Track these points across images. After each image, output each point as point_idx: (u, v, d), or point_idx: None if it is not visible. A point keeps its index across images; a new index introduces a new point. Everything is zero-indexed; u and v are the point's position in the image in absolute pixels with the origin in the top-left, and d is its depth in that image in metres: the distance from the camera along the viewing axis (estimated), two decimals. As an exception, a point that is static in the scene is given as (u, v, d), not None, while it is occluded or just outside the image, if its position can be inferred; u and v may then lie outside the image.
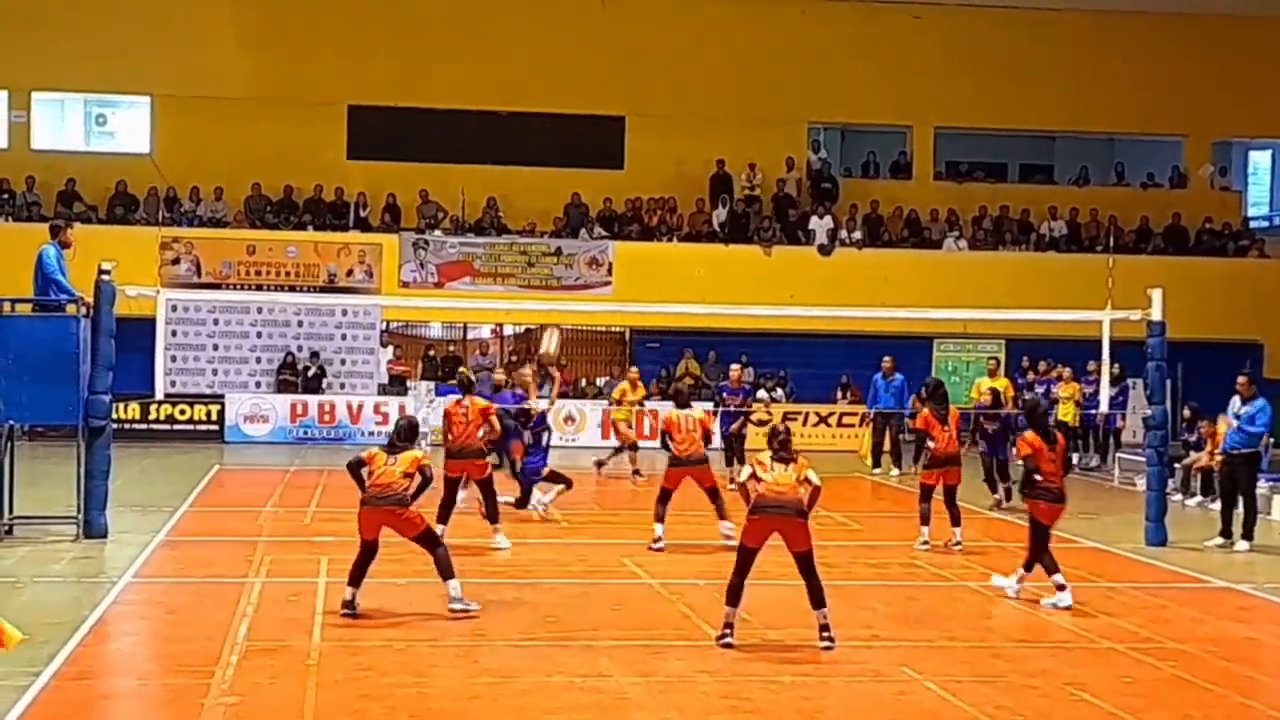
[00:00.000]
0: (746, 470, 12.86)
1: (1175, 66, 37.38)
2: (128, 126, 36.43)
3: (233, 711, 10.38)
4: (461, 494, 18.07)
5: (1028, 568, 14.79)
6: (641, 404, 26.90)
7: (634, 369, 28.23)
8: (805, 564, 12.57)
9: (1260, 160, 41.59)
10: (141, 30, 34.45)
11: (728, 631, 12.52)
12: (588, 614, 13.82)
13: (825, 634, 12.47)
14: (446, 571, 13.59)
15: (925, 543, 17.92)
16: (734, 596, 12.60)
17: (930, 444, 18.36)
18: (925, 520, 17.99)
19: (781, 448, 12.75)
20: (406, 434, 13.97)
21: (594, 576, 15.92)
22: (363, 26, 35.39)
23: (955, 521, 18.09)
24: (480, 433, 17.31)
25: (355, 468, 13.69)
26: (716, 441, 22.58)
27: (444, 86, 35.10)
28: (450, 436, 17.38)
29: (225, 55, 34.67)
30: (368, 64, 35.12)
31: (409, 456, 13.56)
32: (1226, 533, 19.08)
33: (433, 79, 35.12)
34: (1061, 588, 14.47)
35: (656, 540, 17.38)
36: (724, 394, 25.37)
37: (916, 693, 11.18)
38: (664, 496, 17.62)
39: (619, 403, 26.52)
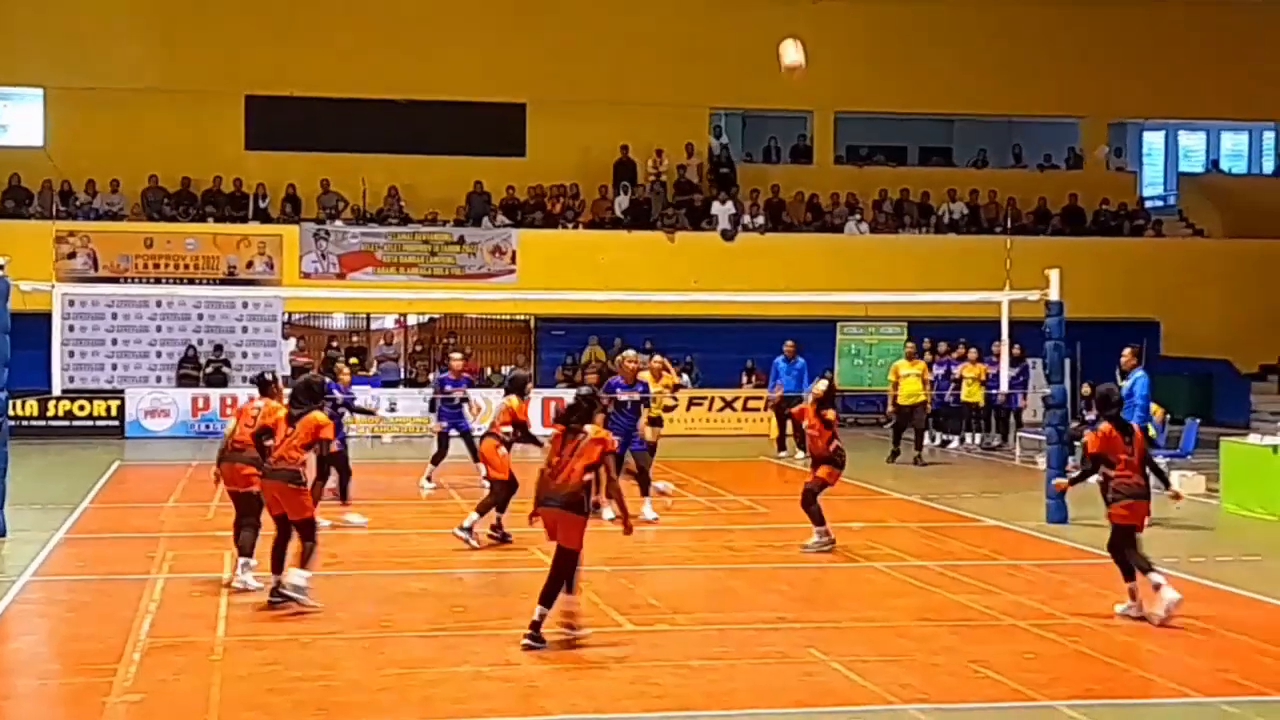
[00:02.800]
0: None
1: (1070, 49, 37.83)
2: (20, 119, 35.94)
3: (136, 709, 10.27)
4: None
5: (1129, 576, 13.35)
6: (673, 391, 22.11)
7: (657, 357, 22.43)
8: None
9: (1154, 141, 42.24)
10: (32, 22, 33.91)
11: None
12: (495, 603, 13.80)
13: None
14: (306, 562, 13.23)
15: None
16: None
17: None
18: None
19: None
20: (305, 394, 13.64)
21: (502, 565, 15.89)
22: (259, 15, 35.01)
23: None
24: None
25: (261, 439, 13.62)
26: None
27: (343, 75, 34.80)
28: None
29: (119, 46, 34.14)
30: (265, 53, 34.76)
31: (308, 422, 13.33)
32: None
33: (332, 68, 34.80)
34: (1157, 586, 13.09)
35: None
36: (446, 385, 22.50)
37: (823, 673, 11.25)
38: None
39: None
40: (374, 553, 16.59)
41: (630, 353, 19.85)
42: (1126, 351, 19.97)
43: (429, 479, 21.68)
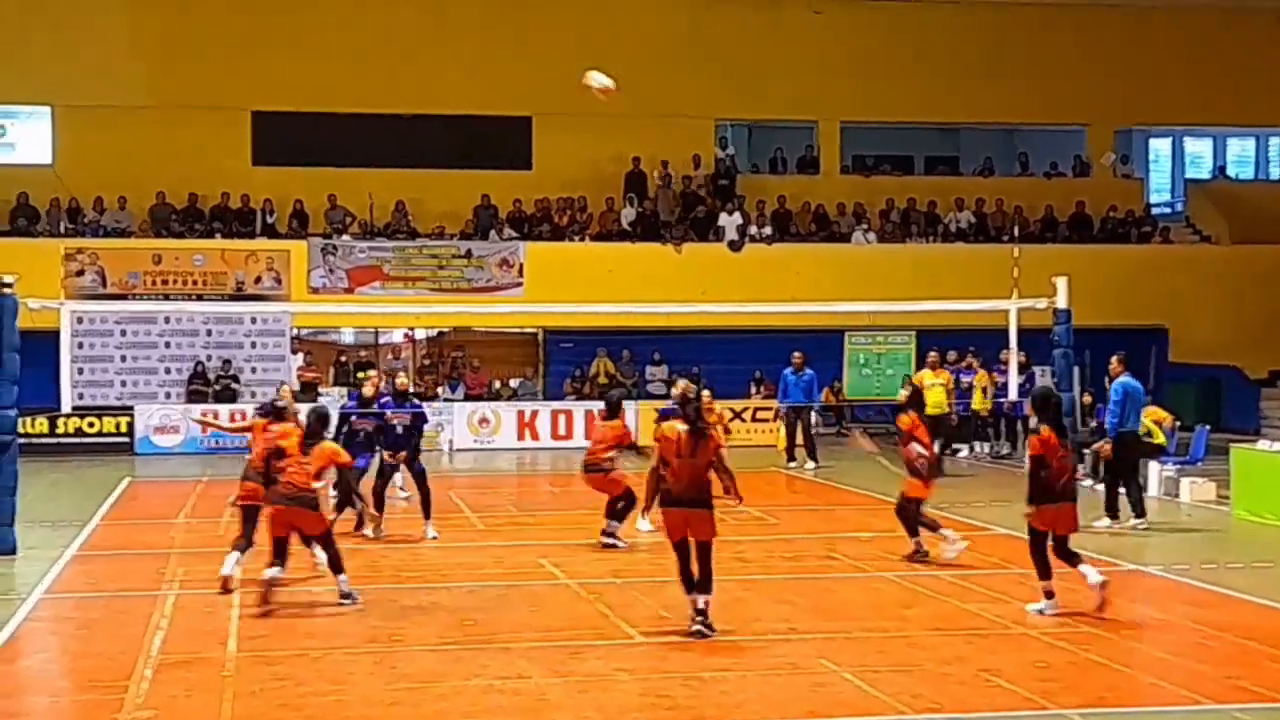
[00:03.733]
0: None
1: (1076, 56, 37.85)
2: (28, 137, 35.98)
3: (148, 726, 10.29)
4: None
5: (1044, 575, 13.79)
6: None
7: (682, 381, 23.97)
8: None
9: (1161, 147, 42.18)
10: (40, 40, 34.01)
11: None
12: (506, 616, 13.79)
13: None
14: (338, 567, 14.18)
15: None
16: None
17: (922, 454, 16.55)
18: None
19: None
20: (317, 425, 14.12)
21: (511, 578, 15.87)
22: (265, 31, 35.09)
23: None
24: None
25: (272, 459, 14.14)
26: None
27: (349, 90, 34.86)
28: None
29: (125, 63, 34.26)
30: (271, 69, 34.84)
31: (323, 450, 13.85)
32: (1113, 512, 19.37)
33: (337, 83, 34.86)
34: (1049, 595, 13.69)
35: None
36: (389, 409, 20.20)
37: (834, 684, 11.24)
38: None
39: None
40: (384, 567, 16.59)
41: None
42: (1114, 359, 20.01)
43: (401, 487, 21.43)
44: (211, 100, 34.49)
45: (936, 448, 25.83)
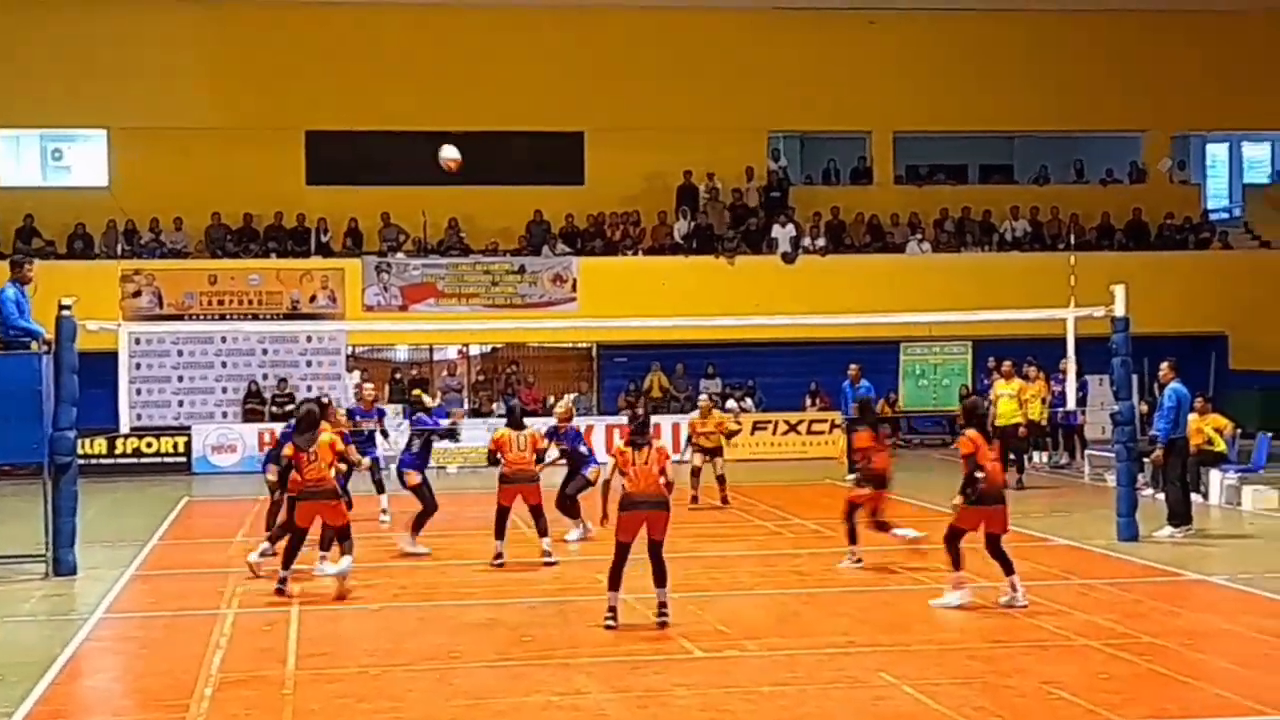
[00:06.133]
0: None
1: (1131, 62, 37.58)
2: (84, 160, 36.33)
3: (208, 745, 10.32)
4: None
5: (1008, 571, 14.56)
6: (724, 434, 23.75)
7: (704, 398, 25.37)
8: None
9: (1218, 153, 41.84)
10: (95, 64, 34.30)
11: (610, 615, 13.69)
12: (564, 632, 13.77)
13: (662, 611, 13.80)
14: (348, 550, 15.45)
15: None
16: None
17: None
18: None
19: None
20: (305, 423, 14.88)
21: (568, 594, 15.85)
22: (317, 51, 35.27)
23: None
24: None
25: (287, 471, 14.89)
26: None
27: (401, 109, 34.99)
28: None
29: (180, 85, 34.53)
30: (323, 89, 35.03)
31: (322, 444, 14.54)
32: (1183, 519, 19.26)
33: (389, 101, 35.02)
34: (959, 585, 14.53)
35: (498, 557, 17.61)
36: (355, 417, 21.57)
37: (894, 697, 11.16)
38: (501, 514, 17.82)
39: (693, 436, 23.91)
40: (441, 584, 16.61)
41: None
42: (1164, 365, 19.87)
43: (385, 510, 21.62)
44: (265, 121, 34.72)
45: (1016, 459, 25.68)
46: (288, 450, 16.03)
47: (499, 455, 17.98)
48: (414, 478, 18.60)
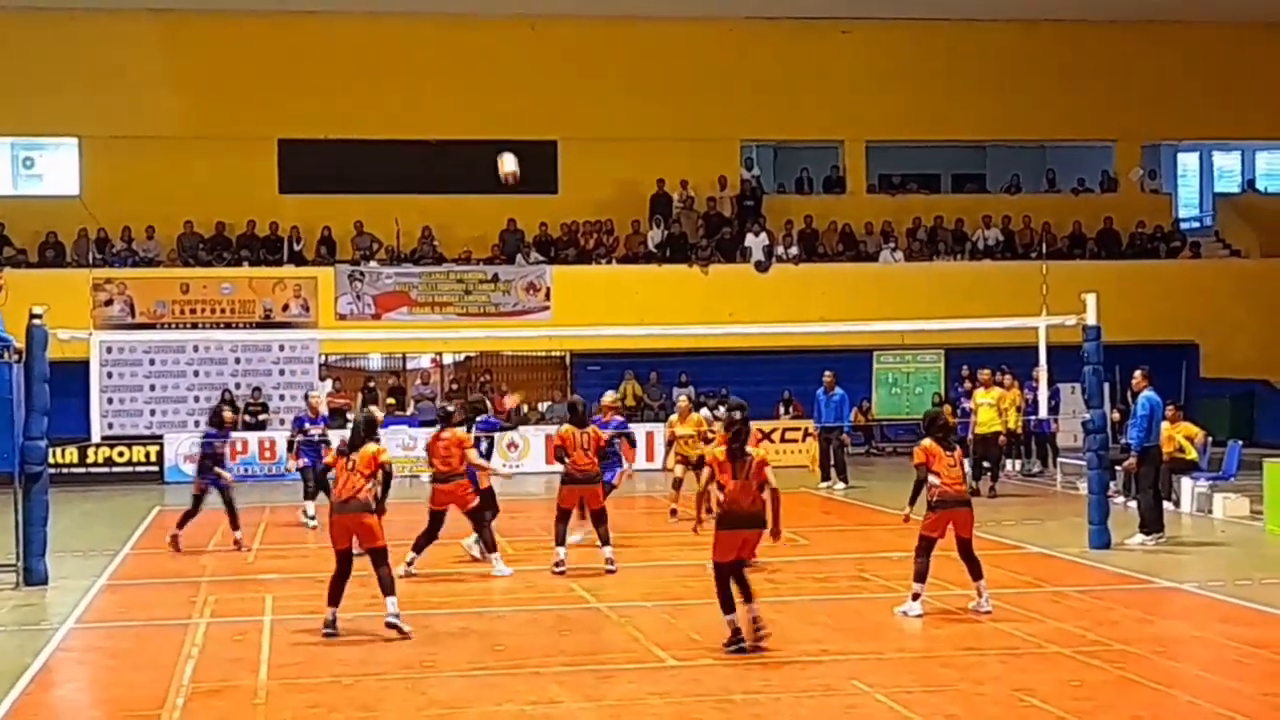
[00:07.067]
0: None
1: (1102, 72, 37.77)
2: (56, 169, 36.23)
3: (179, 755, 10.27)
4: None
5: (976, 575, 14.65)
6: (702, 439, 22.11)
7: (683, 398, 24.64)
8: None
9: (1188, 162, 42.04)
10: (67, 72, 34.21)
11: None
12: (536, 641, 13.75)
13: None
14: (388, 589, 13.76)
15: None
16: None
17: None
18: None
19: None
20: (366, 429, 13.96)
21: (542, 603, 15.84)
22: (290, 60, 35.25)
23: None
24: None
25: (324, 474, 13.99)
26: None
27: (374, 117, 35.00)
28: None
29: (151, 93, 34.45)
30: (296, 97, 34.99)
31: (365, 454, 13.64)
32: (1154, 527, 19.32)
33: (362, 110, 35.01)
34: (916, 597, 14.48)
35: (559, 564, 17.44)
36: (304, 424, 22.18)
37: (867, 705, 11.17)
38: (562, 516, 17.69)
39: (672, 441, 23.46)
40: (415, 593, 16.55)
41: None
42: (1137, 374, 19.92)
43: (307, 514, 21.84)
44: (238, 129, 34.67)
45: (991, 467, 25.76)
46: (328, 458, 15.64)
47: (565, 454, 17.60)
48: (484, 480, 18.24)
